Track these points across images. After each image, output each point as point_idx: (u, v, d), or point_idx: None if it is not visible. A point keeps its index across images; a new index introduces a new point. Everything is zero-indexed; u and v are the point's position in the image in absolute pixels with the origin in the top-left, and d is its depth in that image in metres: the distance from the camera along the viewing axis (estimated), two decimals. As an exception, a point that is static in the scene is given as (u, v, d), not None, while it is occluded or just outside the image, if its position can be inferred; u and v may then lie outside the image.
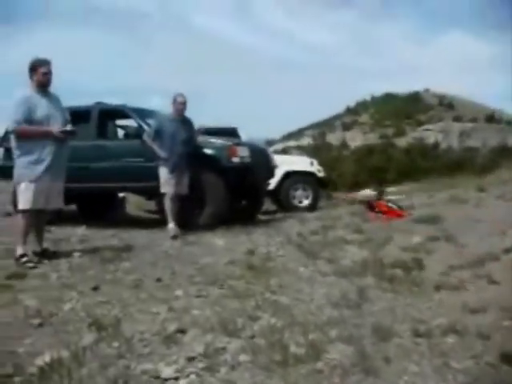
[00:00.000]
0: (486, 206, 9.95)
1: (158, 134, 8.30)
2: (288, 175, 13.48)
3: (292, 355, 3.30)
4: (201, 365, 3.16)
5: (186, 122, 8.48)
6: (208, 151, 8.96)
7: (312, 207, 13.43)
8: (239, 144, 9.43)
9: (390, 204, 7.40)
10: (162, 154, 8.18)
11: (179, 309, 4.26)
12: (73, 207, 11.77)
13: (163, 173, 8.21)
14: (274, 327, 3.83)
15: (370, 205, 7.33)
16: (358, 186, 21.37)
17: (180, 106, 8.34)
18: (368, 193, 8.22)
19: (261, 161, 9.83)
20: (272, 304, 4.47)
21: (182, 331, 3.70)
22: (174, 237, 7.87)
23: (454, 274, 5.72)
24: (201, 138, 9.40)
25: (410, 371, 3.25)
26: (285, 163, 13.32)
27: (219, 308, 4.30)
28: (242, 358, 3.28)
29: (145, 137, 8.50)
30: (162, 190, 8.28)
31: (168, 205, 8.26)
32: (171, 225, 8.19)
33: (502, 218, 8.29)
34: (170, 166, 8.13)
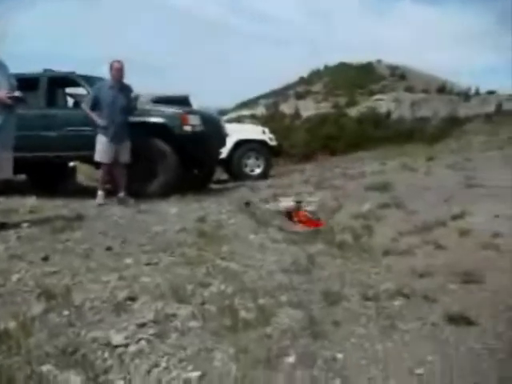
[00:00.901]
0: (435, 174, 10.19)
1: (96, 102, 8.08)
2: (240, 144, 13.44)
3: (242, 320, 3.35)
4: (151, 331, 3.19)
5: (124, 89, 8.24)
6: (159, 120, 8.85)
7: (263, 175, 13.47)
8: (190, 112, 9.32)
9: (308, 214, 7.52)
10: (100, 121, 7.98)
11: (129, 277, 4.25)
12: (22, 177, 11.52)
13: (100, 141, 7.99)
14: (224, 293, 3.88)
15: (289, 215, 7.44)
16: (310, 154, 21.46)
17: (117, 72, 8.08)
18: (288, 202, 8.31)
19: (212, 129, 9.76)
20: (223, 271, 4.51)
21: (132, 299, 3.70)
22: (100, 205, 7.78)
23: (402, 240, 5.88)
24: (151, 106, 9.27)
25: (358, 334, 3.36)
26: (236, 132, 13.27)
27: (170, 275, 4.31)
28: (192, 323, 3.33)
29: (83, 105, 8.30)
30: (96, 159, 8.08)
31: (101, 173, 8.17)
32: (100, 192, 8.09)
33: (450, 186, 8.50)
34: (110, 135, 7.95)
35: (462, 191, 8.12)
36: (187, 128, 8.82)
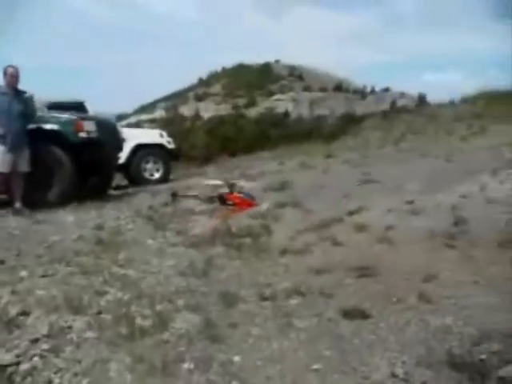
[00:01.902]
0: (332, 171, 10.51)
1: None
2: (138, 148, 13.27)
3: (139, 328, 3.34)
4: (45, 346, 3.11)
5: (20, 96, 7.96)
6: (54, 126, 8.58)
7: (163, 179, 13.38)
8: (85, 118, 9.12)
9: (242, 195, 7.55)
10: None
11: (23, 290, 4.11)
12: None
13: None
14: (120, 301, 3.85)
15: (221, 198, 7.45)
16: (210, 156, 21.46)
17: (11, 78, 7.77)
18: (215, 182, 8.36)
19: (108, 135, 9.60)
20: (120, 278, 4.47)
21: (26, 313, 3.58)
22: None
23: (300, 239, 6.01)
24: (46, 113, 9.00)
25: (255, 334, 3.42)
26: (134, 136, 13.08)
27: (66, 286, 4.21)
28: (88, 334, 3.28)
29: None
30: None
31: None
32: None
33: (347, 183, 8.80)
34: (8, 143, 7.61)
35: (359, 187, 8.44)
36: (82, 134, 8.62)
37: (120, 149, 10.94)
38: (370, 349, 3.19)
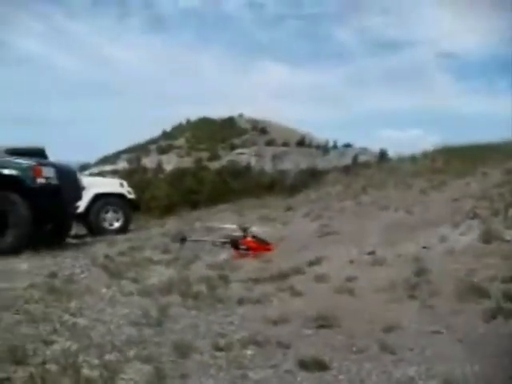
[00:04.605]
0: (292, 223, 10.50)
1: None
2: (97, 197, 13.06)
3: (84, 379, 3.17)
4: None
5: None
6: (11, 171, 8.41)
7: (123, 229, 13.13)
8: (45, 164, 8.97)
9: (256, 239, 7.41)
10: None
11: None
12: None
13: None
14: (68, 351, 3.66)
15: (234, 243, 7.28)
16: (171, 208, 21.34)
17: None
18: (227, 226, 8.16)
19: (68, 182, 9.44)
20: (70, 327, 4.29)
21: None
22: None
23: (258, 289, 5.92)
24: (4, 158, 8.83)
25: (206, 386, 3.28)
26: (94, 185, 12.87)
27: (10, 335, 4.00)
28: (29, 387, 3.08)
29: None
30: None
31: None
32: None
33: (307, 235, 8.79)
34: None
35: (318, 239, 8.42)
36: (41, 180, 8.46)
37: (79, 197, 10.75)
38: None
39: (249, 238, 7.22)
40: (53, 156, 11.88)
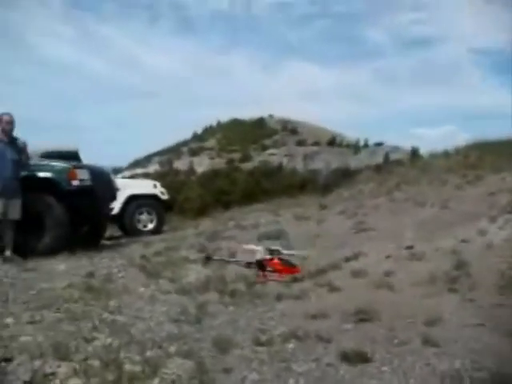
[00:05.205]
0: (327, 221, 10.44)
1: None
2: (131, 199, 13.17)
3: (127, 374, 3.18)
4: (25, 393, 2.94)
5: (14, 143, 7.93)
6: (47, 174, 8.51)
7: (157, 230, 13.22)
8: (79, 167, 9.06)
9: (283, 261, 7.38)
10: None
11: (6, 337, 3.93)
12: None
13: None
14: (109, 347, 3.68)
15: (260, 264, 7.24)
16: (204, 209, 21.44)
17: (7, 125, 7.76)
18: (253, 248, 8.10)
19: (102, 184, 9.53)
20: (110, 324, 4.32)
21: (8, 359, 3.41)
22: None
23: (295, 285, 5.91)
24: (40, 161, 8.94)
25: (251, 379, 3.29)
26: (128, 187, 13.00)
27: (52, 332, 4.04)
28: (73, 381, 3.11)
29: None
30: None
31: None
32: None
33: (343, 232, 8.73)
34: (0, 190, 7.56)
35: (354, 235, 8.36)
36: (76, 183, 8.54)
37: (114, 198, 10.84)
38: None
39: (275, 260, 7.19)
40: (85, 161, 12.05)
